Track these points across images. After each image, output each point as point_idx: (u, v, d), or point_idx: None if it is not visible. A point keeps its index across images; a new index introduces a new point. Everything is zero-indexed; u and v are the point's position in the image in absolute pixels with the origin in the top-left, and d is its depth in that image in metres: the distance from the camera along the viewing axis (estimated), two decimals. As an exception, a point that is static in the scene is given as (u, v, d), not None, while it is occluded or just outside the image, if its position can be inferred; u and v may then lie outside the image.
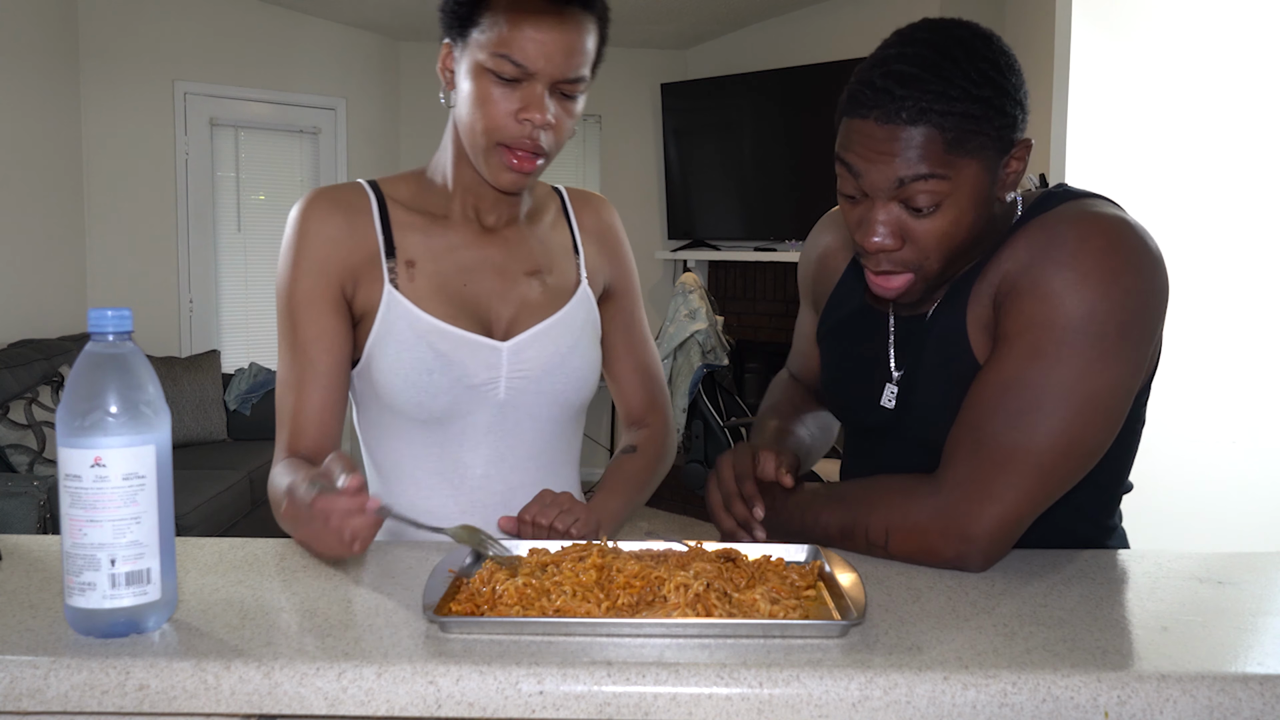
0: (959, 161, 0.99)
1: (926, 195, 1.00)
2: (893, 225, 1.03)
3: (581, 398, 1.33)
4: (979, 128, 0.98)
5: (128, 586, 0.82)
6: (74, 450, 0.81)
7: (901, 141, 0.98)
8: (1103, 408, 1.01)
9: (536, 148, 1.16)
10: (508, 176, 1.18)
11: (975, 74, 0.99)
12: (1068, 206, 1.07)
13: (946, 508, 1.01)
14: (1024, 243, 1.05)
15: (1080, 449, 1.01)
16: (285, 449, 1.22)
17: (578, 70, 1.15)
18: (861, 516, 1.06)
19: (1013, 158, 1.03)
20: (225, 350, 5.22)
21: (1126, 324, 0.99)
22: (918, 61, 1.00)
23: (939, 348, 1.11)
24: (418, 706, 0.76)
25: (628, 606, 0.88)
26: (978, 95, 0.98)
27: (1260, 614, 0.91)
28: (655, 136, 6.11)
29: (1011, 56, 1.03)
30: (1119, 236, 1.01)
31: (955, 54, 0.99)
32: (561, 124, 1.17)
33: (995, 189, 1.03)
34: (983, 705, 0.76)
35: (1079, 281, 0.99)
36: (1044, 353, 1.00)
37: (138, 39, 4.94)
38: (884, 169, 1.00)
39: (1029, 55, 3.95)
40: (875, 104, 0.99)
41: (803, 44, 5.36)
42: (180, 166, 5.09)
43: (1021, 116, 1.02)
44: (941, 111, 0.97)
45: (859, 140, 1.01)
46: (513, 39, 1.12)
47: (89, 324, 0.83)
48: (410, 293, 1.24)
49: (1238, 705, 0.76)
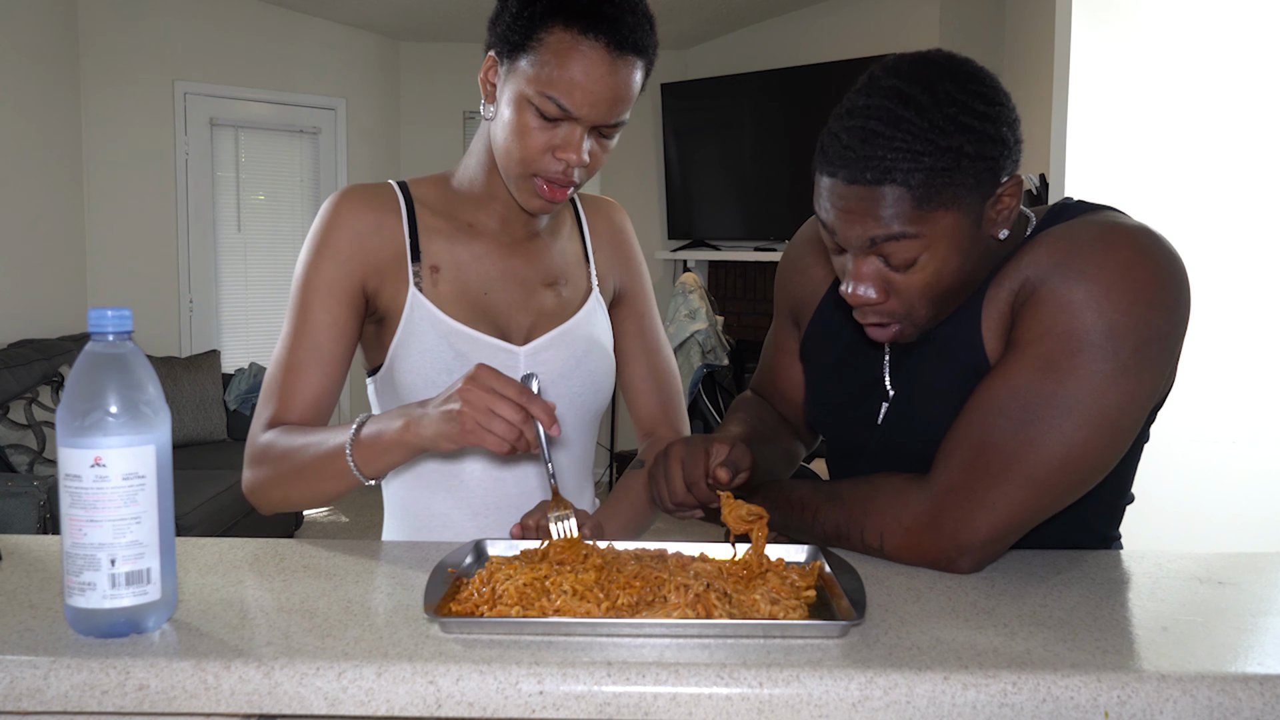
0: (932, 216, 0.96)
1: (901, 253, 0.98)
2: (874, 279, 1.01)
3: (598, 402, 1.34)
4: (950, 179, 0.95)
5: (128, 586, 0.82)
6: (74, 450, 0.81)
7: (869, 201, 0.96)
8: (1111, 425, 0.98)
9: (569, 181, 1.17)
10: (537, 203, 1.20)
11: (943, 121, 0.95)
12: (1092, 216, 1.04)
13: (940, 512, 1.00)
14: (1045, 250, 1.02)
15: (1083, 465, 0.99)
16: (269, 421, 1.20)
17: (619, 116, 1.16)
18: (857, 517, 1.06)
19: (1003, 196, 1.00)
20: (225, 350, 5.22)
21: (1146, 342, 0.97)
22: (880, 115, 0.96)
23: (946, 357, 1.08)
24: (418, 706, 0.76)
25: (628, 607, 0.88)
26: (945, 145, 0.94)
27: (1260, 614, 0.91)
28: (655, 136, 6.11)
29: (990, 88, 0.98)
30: (1146, 251, 0.98)
31: (921, 101, 0.95)
32: (596, 159, 1.18)
33: (984, 229, 1.00)
34: (983, 705, 0.76)
35: (1101, 295, 0.96)
36: (1057, 364, 0.97)
37: (138, 39, 4.94)
38: (855, 229, 0.98)
39: (1029, 55, 3.95)
40: (841, 163, 0.97)
41: (803, 44, 5.36)
42: (180, 166, 5.09)
43: (1005, 153, 0.98)
44: (907, 169, 0.94)
45: (828, 197, 1.00)
46: (561, 81, 1.11)
47: (89, 324, 0.83)
48: (433, 296, 1.25)
49: (1238, 705, 0.76)
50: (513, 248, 1.30)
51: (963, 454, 1.01)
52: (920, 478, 1.04)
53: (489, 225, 1.29)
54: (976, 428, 1.00)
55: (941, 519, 1.00)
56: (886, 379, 1.15)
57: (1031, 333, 0.99)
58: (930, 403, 1.09)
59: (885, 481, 1.07)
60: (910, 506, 1.02)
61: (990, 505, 0.99)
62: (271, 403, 1.21)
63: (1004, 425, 0.98)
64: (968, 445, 1.01)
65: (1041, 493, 0.99)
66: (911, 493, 1.03)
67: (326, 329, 1.21)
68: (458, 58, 5.93)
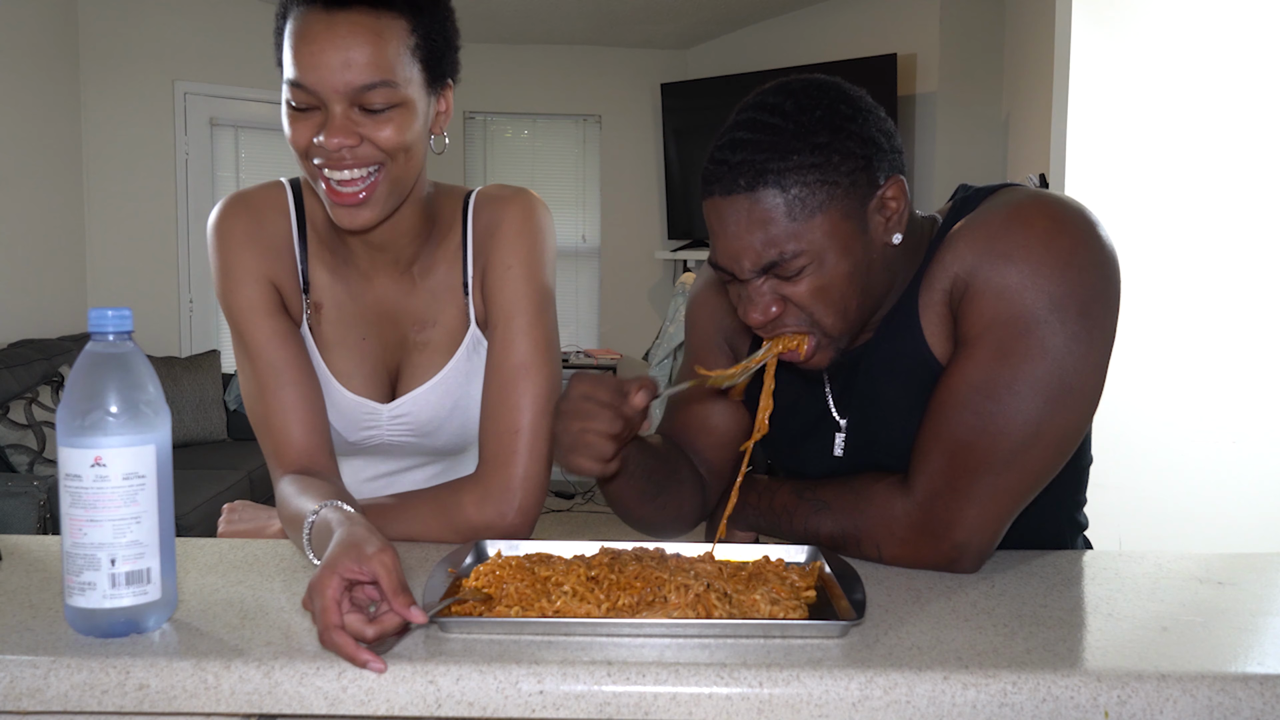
0: (810, 223, 0.97)
1: (789, 266, 0.99)
2: (770, 294, 1.01)
3: (462, 446, 1.28)
4: (822, 176, 0.96)
5: (128, 586, 0.82)
6: (74, 450, 0.81)
7: (747, 217, 0.97)
8: (1075, 393, 0.99)
9: (344, 168, 1.04)
10: (339, 213, 1.07)
11: (810, 121, 0.97)
12: (995, 199, 1.05)
13: (929, 518, 1.01)
14: (965, 243, 1.03)
15: (1057, 438, 1.00)
16: (279, 464, 1.16)
17: (367, 79, 1.01)
18: (850, 529, 1.05)
19: (886, 199, 1.01)
20: (225, 350, 5.21)
21: (1087, 303, 0.98)
22: (747, 126, 0.99)
23: (897, 373, 1.08)
24: (418, 706, 0.76)
25: (628, 607, 0.88)
26: (814, 143, 0.96)
27: (1260, 614, 0.91)
28: (655, 136, 6.11)
29: (856, 97, 1.01)
30: (1059, 217, 1.00)
31: (785, 109, 0.98)
32: (382, 141, 1.03)
33: (874, 235, 1.01)
34: (983, 705, 0.76)
35: (1033, 272, 0.97)
36: (1010, 349, 0.98)
37: (138, 39, 4.94)
38: (740, 256, 0.99)
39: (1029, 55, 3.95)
40: (715, 178, 0.99)
41: (803, 44, 5.36)
42: (180, 166, 5.09)
43: (877, 153, 1.00)
44: (778, 170, 0.96)
45: (713, 221, 1.01)
46: (292, 62, 1.02)
47: (89, 324, 0.83)
48: (318, 336, 1.21)
49: (1238, 705, 0.76)
50: (385, 284, 1.20)
51: (938, 456, 1.01)
52: (901, 484, 1.04)
53: (361, 256, 1.19)
54: (946, 428, 1.01)
55: (932, 524, 1.01)
56: (833, 411, 1.15)
57: (977, 326, 1.00)
58: (892, 422, 1.09)
59: (868, 489, 1.06)
60: (899, 517, 1.02)
61: (976, 499, 0.99)
62: (266, 442, 1.17)
63: (971, 420, 0.99)
64: (941, 447, 1.01)
65: (1023, 475, 1.00)
66: (897, 502, 1.03)
67: (268, 344, 1.16)
68: (458, 58, 5.92)
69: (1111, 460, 2.64)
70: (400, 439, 1.25)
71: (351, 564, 0.80)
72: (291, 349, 1.17)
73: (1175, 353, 2.76)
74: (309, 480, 1.10)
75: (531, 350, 1.16)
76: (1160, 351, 2.75)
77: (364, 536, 0.84)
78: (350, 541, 0.83)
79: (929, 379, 1.05)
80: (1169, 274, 2.73)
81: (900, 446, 1.06)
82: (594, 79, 6.12)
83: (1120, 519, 2.55)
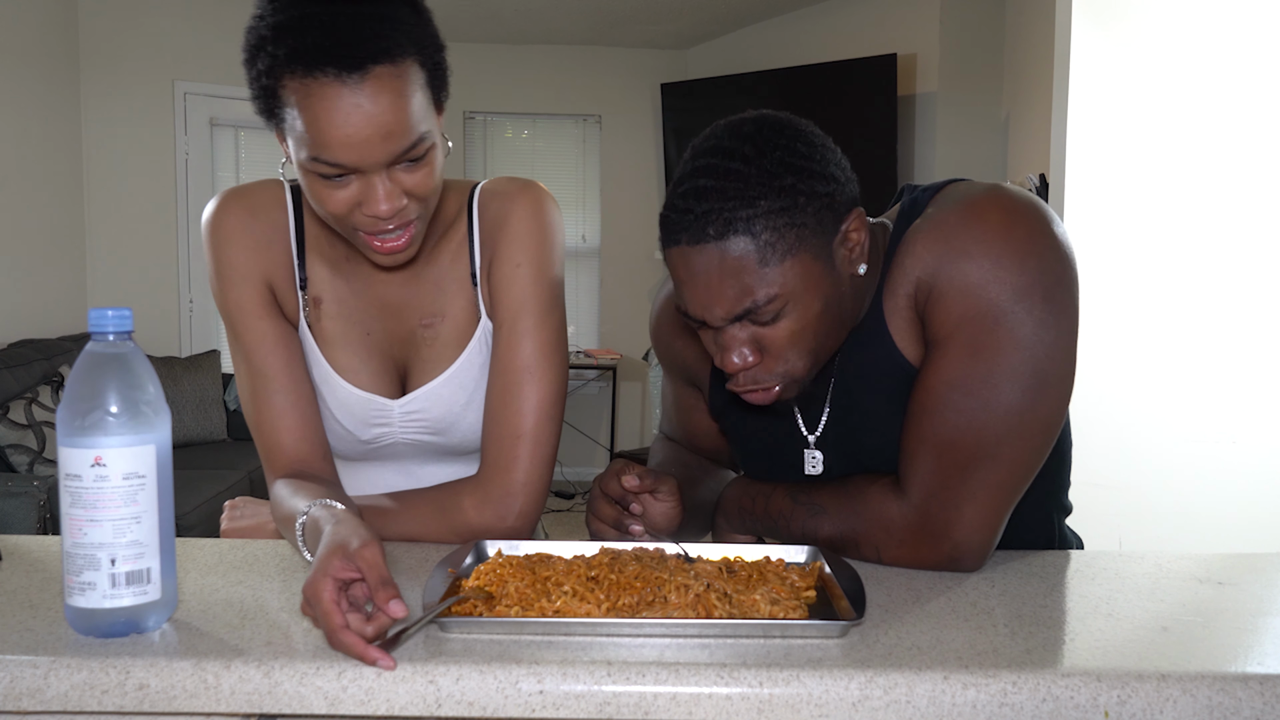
0: (781, 267, 0.96)
1: (764, 313, 0.98)
2: (746, 342, 1.01)
3: (478, 445, 1.24)
4: (790, 220, 0.95)
5: (128, 586, 0.82)
6: (74, 450, 0.81)
7: (719, 267, 0.96)
8: (1052, 377, 1.00)
9: (390, 229, 1.03)
10: (379, 258, 1.07)
11: (771, 164, 0.96)
12: (945, 196, 1.05)
13: (926, 520, 1.01)
14: (922, 245, 1.03)
15: (1040, 426, 1.01)
16: (272, 467, 1.16)
17: (403, 144, 0.97)
18: (848, 533, 1.06)
19: (849, 232, 1.00)
20: (225, 350, 5.21)
21: (1050, 289, 0.98)
22: (709, 173, 0.97)
23: (870, 382, 1.08)
24: (418, 706, 0.76)
25: (628, 607, 0.88)
26: (779, 186, 0.95)
27: (1260, 614, 0.91)
28: (655, 136, 6.11)
29: (810, 135, 1.00)
30: (1009, 206, 1.00)
31: (745, 152, 0.96)
32: (421, 187, 1.02)
33: (840, 269, 1.01)
34: (983, 705, 0.76)
35: (994, 265, 0.98)
36: (982, 345, 0.99)
37: (138, 39, 4.94)
38: (712, 305, 0.98)
39: (1029, 55, 3.95)
40: (682, 227, 0.97)
41: (803, 44, 5.36)
42: (180, 166, 5.09)
43: (838, 189, 0.99)
44: (746, 217, 0.94)
45: (680, 270, 0.99)
46: (316, 138, 0.95)
47: (89, 324, 0.83)
48: (318, 333, 1.19)
49: (1238, 705, 0.76)
50: (387, 278, 1.19)
51: (927, 458, 1.01)
52: (895, 486, 1.04)
53: (360, 254, 1.17)
54: (930, 429, 1.01)
55: (930, 526, 1.01)
56: (802, 428, 1.16)
57: (947, 325, 1.01)
58: (871, 430, 1.09)
59: (862, 493, 1.06)
60: (896, 520, 1.03)
61: (971, 496, 1.00)
62: (261, 445, 1.16)
63: (954, 418, 1.00)
64: (928, 449, 1.01)
65: (1013, 467, 1.00)
66: (892, 505, 1.03)
67: (260, 347, 1.15)
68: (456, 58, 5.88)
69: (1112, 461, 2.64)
70: (415, 437, 1.23)
71: (340, 564, 0.81)
72: (283, 353, 1.16)
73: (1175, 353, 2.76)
74: (300, 482, 1.11)
75: (536, 352, 1.15)
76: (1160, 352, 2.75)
77: (348, 535, 0.85)
78: (336, 542, 0.84)
79: (906, 383, 1.05)
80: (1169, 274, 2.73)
81: (887, 453, 1.07)
82: (594, 79, 6.12)
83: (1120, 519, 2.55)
